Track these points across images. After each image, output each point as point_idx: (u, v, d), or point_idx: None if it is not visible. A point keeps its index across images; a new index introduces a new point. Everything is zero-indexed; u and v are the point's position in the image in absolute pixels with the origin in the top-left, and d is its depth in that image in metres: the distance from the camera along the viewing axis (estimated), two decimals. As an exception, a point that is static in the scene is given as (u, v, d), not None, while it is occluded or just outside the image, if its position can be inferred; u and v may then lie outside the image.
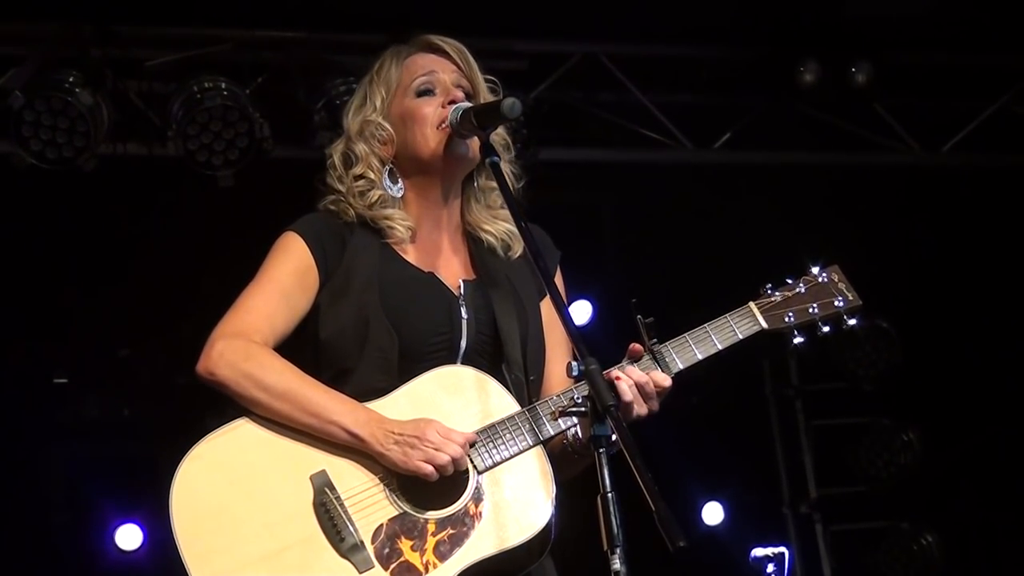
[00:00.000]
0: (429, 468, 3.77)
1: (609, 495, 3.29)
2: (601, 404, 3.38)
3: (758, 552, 9.71)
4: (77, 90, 7.36)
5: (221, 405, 3.98)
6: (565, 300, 4.21)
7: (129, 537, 9.10)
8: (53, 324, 8.85)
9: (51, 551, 8.99)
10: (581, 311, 9.41)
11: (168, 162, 7.74)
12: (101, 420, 9.39)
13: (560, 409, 3.84)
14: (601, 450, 3.34)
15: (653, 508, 3.15)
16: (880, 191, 9.24)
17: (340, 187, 4.20)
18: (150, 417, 9.17)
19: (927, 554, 10.09)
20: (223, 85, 7.58)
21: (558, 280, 4.27)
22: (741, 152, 8.78)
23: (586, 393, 3.52)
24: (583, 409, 3.53)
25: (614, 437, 3.38)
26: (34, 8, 7.43)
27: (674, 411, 4.10)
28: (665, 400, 3.97)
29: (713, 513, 10.17)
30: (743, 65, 8.57)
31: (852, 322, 4.25)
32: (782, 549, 10.06)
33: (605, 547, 3.28)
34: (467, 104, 4.10)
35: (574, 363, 3.50)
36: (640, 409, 3.90)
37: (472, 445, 3.85)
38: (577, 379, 3.58)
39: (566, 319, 3.70)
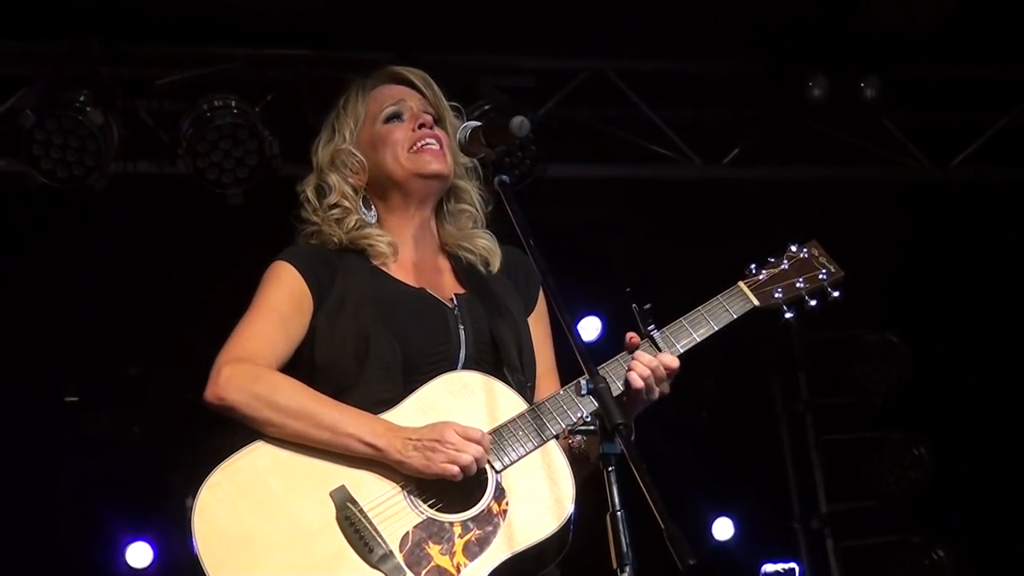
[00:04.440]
0: (455, 469, 3.79)
1: (618, 513, 3.31)
2: (610, 422, 3.39)
3: (769, 568, 9.73)
4: (88, 109, 7.38)
5: (231, 423, 3.99)
6: (549, 325, 4.36)
7: (139, 555, 9.10)
8: (63, 343, 8.86)
9: (62, 569, 8.99)
10: (590, 327, 9.42)
11: (178, 180, 7.76)
12: (112, 438, 9.39)
13: (569, 428, 3.87)
14: (610, 468, 3.36)
15: (663, 526, 3.16)
16: (890, 206, 9.23)
17: (315, 219, 4.27)
18: (161, 435, 9.17)
19: (938, 569, 10.07)
20: (233, 103, 7.60)
21: (542, 302, 4.38)
22: (750, 167, 8.77)
23: (594, 410, 3.54)
24: (592, 427, 3.56)
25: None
26: (44, 27, 7.45)
27: (684, 426, 4.12)
28: (674, 383, 4.05)
29: (723, 529, 10.16)
30: (752, 80, 8.57)
31: (836, 294, 4.36)
32: (793, 565, 10.10)
33: (615, 565, 3.29)
34: (475, 123, 4.14)
35: (583, 380, 3.53)
36: (652, 395, 3.98)
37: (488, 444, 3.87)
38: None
39: (573, 334, 3.70)
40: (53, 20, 7.42)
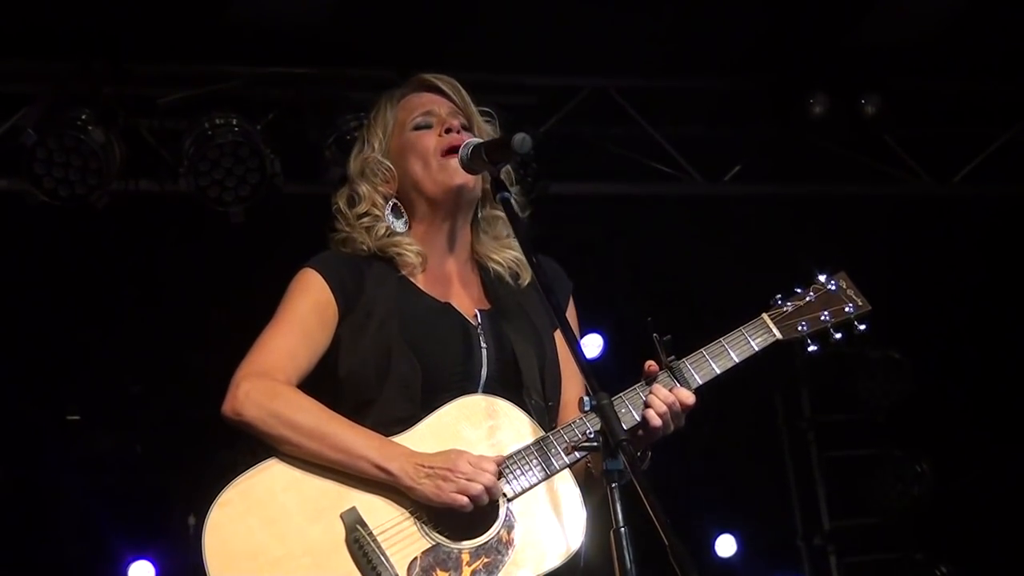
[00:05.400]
0: (464, 499, 3.79)
1: (622, 529, 3.30)
2: (613, 439, 3.39)
3: (772, 584, 9.72)
4: (89, 127, 7.38)
5: (233, 440, 3.98)
6: (578, 331, 4.31)
7: (142, 573, 9.08)
8: (65, 361, 8.86)
9: (65, 587, 9.00)
10: (592, 344, 9.41)
11: (180, 198, 7.76)
12: (113, 456, 9.39)
13: (573, 444, 3.86)
14: (614, 484, 3.35)
15: (667, 543, 3.16)
16: (891, 222, 9.23)
17: (347, 228, 4.25)
18: (163, 453, 9.17)
19: (942, 585, 10.06)
20: (234, 121, 7.60)
21: (571, 311, 4.34)
22: (751, 184, 8.78)
23: (598, 427, 3.54)
24: (595, 444, 3.55)
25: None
26: (46, 46, 7.46)
27: (687, 443, 4.11)
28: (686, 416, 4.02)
29: (726, 546, 10.14)
30: (752, 97, 8.58)
31: (863, 327, 4.30)
32: (796, 581, 10.07)
33: (619, 582, 3.28)
34: (477, 140, 4.13)
35: (586, 398, 3.52)
36: (668, 431, 3.97)
37: (500, 474, 3.87)
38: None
39: (577, 352, 3.72)
40: (55, 38, 7.43)
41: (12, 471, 8.71)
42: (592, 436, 3.66)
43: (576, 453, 3.89)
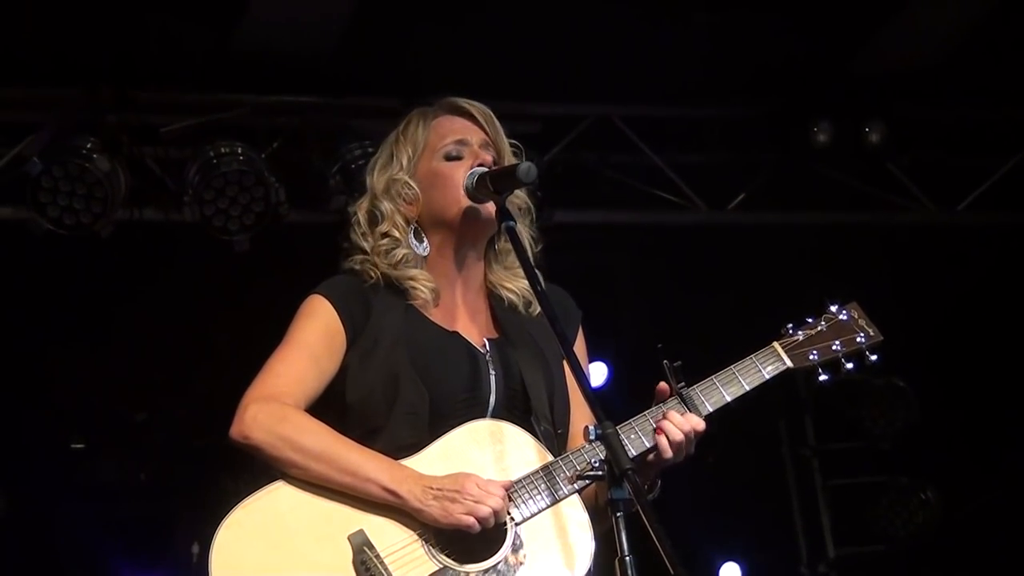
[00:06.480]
0: (471, 520, 3.78)
1: (627, 558, 3.30)
2: (618, 468, 3.39)
3: (777, 613, 9.68)
4: (94, 156, 7.40)
5: (238, 468, 3.98)
6: (587, 359, 4.33)
7: (146, 602, 9.09)
8: (69, 389, 8.86)
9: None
10: (596, 373, 9.40)
11: (184, 227, 7.77)
12: (118, 484, 9.39)
13: (577, 473, 3.86)
14: (619, 514, 3.35)
15: (673, 572, 3.15)
16: (895, 250, 9.23)
17: (364, 245, 4.23)
18: (167, 480, 9.17)
19: (947, 614, 10.04)
20: (239, 150, 7.62)
21: (580, 340, 4.33)
22: (755, 213, 8.78)
23: (603, 456, 3.54)
24: (600, 473, 3.55)
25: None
26: (51, 75, 7.49)
27: (691, 471, 4.11)
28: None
29: (731, 574, 10.12)
30: (756, 125, 8.59)
31: (874, 357, 4.30)
32: (801, 610, 10.03)
33: (624, 610, 3.28)
34: (482, 169, 4.13)
35: (591, 427, 3.53)
36: (679, 458, 3.97)
37: (508, 498, 3.87)
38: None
39: (582, 381, 3.74)
40: (59, 67, 7.45)
41: (16, 499, 8.70)
42: (597, 465, 3.67)
43: (580, 482, 3.89)
